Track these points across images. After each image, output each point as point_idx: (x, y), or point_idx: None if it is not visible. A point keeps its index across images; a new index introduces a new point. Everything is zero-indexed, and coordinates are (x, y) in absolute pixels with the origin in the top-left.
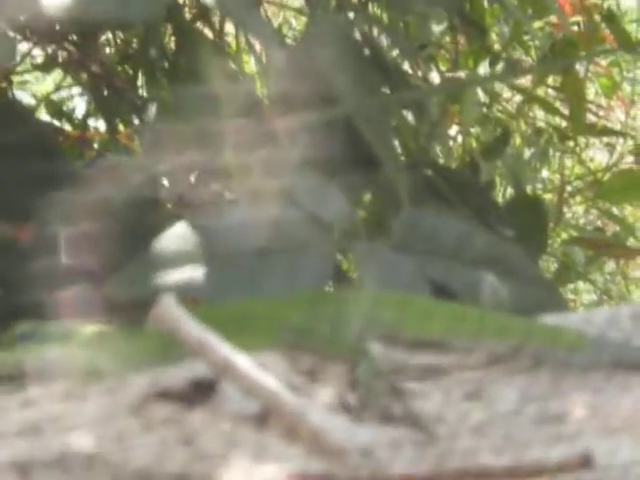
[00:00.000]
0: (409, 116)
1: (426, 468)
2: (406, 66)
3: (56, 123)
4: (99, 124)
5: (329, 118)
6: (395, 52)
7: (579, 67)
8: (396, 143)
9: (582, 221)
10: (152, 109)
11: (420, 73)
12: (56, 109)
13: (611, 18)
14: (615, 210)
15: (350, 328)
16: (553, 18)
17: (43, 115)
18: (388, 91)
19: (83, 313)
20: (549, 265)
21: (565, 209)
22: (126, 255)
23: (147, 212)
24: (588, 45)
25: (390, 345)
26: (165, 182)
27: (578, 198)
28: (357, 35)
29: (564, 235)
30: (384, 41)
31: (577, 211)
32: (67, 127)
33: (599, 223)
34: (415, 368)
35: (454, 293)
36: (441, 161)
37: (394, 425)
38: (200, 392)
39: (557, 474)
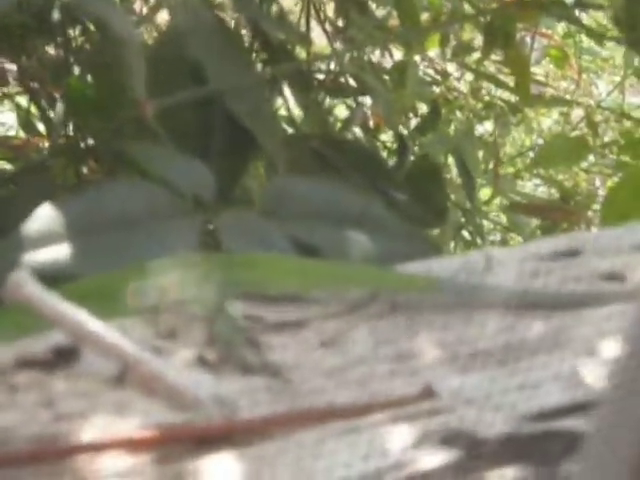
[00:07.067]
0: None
1: (279, 411)
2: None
3: None
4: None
5: (200, 98)
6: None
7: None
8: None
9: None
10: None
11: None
12: None
13: None
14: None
15: (208, 289)
16: None
17: None
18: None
19: None
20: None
21: (519, 181)
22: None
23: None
24: (528, 17)
25: (252, 302)
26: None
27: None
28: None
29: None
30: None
31: (527, 184)
32: None
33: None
34: (274, 322)
35: (321, 252)
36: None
37: (251, 375)
38: (62, 358)
39: (402, 407)
